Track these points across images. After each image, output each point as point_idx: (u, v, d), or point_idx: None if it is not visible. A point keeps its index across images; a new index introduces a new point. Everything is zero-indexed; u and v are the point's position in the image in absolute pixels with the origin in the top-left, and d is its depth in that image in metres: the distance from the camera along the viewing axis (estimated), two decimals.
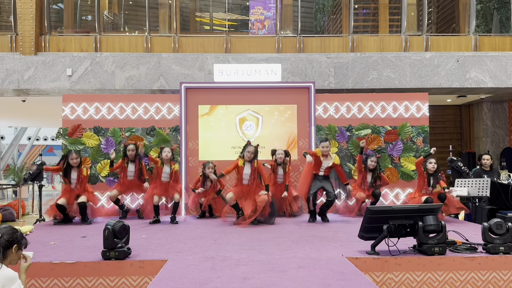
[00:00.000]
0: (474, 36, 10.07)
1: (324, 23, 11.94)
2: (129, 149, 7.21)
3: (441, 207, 4.60)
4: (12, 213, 10.38)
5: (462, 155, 11.66)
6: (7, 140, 22.54)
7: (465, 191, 7.08)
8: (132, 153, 7.19)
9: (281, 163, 7.28)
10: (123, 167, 7.22)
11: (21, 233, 3.18)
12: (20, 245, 3.14)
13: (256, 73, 8.42)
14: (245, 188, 6.54)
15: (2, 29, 10.63)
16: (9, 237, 3.05)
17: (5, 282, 2.92)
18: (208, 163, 7.34)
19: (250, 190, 6.51)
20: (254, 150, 6.57)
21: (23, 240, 3.17)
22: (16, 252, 3.10)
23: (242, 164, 6.56)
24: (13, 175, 17.31)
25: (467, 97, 11.11)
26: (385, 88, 9.63)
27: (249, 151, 6.53)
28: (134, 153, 7.20)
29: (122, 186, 7.28)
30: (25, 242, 3.21)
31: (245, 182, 6.56)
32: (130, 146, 7.23)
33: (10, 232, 3.09)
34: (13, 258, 3.11)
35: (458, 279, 4.15)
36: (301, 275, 3.62)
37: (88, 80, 9.55)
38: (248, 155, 6.51)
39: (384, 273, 4.13)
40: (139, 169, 7.22)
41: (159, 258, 4.22)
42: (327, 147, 6.84)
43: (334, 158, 6.84)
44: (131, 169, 7.22)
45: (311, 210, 6.86)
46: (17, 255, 3.13)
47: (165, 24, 10.55)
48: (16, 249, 3.10)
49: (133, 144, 7.27)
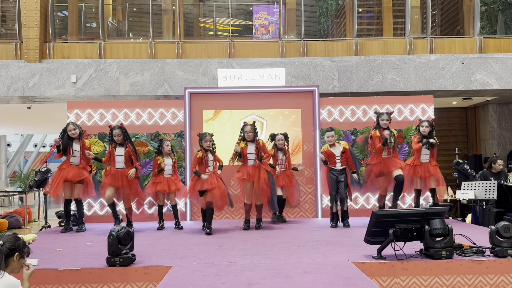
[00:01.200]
0: (479, 38, 10.02)
1: (327, 27, 11.92)
2: (114, 134, 6.55)
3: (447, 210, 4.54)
4: (19, 220, 10.41)
5: (469, 158, 11.57)
6: (13, 147, 22.66)
7: (471, 194, 7.02)
8: (119, 138, 6.55)
9: (282, 148, 7.10)
10: (110, 152, 6.60)
11: (23, 241, 3.17)
12: (22, 253, 3.12)
13: (260, 77, 8.42)
14: (251, 169, 6.49)
15: (7, 37, 10.71)
16: (11, 245, 3.04)
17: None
18: (204, 134, 6.48)
19: (256, 171, 6.47)
20: (251, 128, 6.55)
21: (25, 249, 3.15)
22: (18, 260, 3.09)
23: (245, 145, 6.56)
24: (19, 182, 17.43)
25: (472, 99, 11.04)
26: (390, 91, 9.58)
27: (247, 131, 6.53)
28: (122, 137, 6.55)
29: (112, 178, 6.53)
30: (27, 251, 3.19)
31: (250, 163, 6.54)
32: (115, 131, 6.56)
33: (12, 240, 3.08)
34: (15, 267, 3.10)
35: (466, 283, 4.10)
36: (307, 280, 3.59)
37: (92, 87, 9.58)
38: (248, 135, 6.52)
39: (390, 278, 4.08)
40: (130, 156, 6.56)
41: (163, 264, 4.20)
42: (332, 136, 6.65)
43: (342, 143, 6.72)
44: (120, 153, 6.56)
45: (333, 212, 6.69)
46: (19, 264, 3.11)
47: (169, 30, 10.58)
48: (18, 258, 3.08)
49: (119, 127, 6.60)
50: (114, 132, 6.53)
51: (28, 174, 18.34)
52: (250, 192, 6.58)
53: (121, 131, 6.53)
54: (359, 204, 8.03)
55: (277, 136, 7.11)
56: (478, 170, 8.91)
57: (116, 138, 6.53)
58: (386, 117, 6.62)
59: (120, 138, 6.53)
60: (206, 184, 6.14)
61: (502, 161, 7.97)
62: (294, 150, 8.06)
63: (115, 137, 6.53)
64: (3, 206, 16.27)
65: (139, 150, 7.97)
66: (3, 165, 19.96)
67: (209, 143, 6.36)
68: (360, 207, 8.02)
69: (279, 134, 7.13)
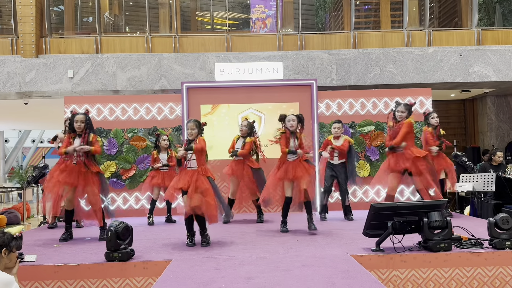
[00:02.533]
0: (476, 30, 9.99)
1: (325, 20, 11.87)
2: (77, 119, 5.26)
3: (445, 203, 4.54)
4: (17, 216, 10.41)
5: (467, 150, 11.59)
6: (11, 143, 22.61)
7: (470, 186, 7.03)
8: (81, 125, 5.27)
9: (294, 131, 5.73)
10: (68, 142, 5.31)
11: (9, 235, 3.12)
12: (10, 247, 3.08)
13: (258, 71, 8.39)
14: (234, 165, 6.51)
15: (3, 32, 10.64)
16: None
17: (1, 287, 2.90)
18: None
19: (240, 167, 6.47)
20: (248, 124, 6.59)
21: (12, 243, 3.10)
22: (7, 255, 3.06)
23: (236, 139, 6.62)
24: (17, 178, 17.39)
25: (470, 91, 11.04)
26: (388, 84, 9.57)
27: (243, 125, 6.58)
28: (84, 126, 5.29)
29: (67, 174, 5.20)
30: (16, 244, 3.14)
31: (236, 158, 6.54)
32: (78, 116, 5.28)
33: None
34: (6, 262, 3.06)
35: (465, 275, 4.11)
36: (306, 274, 3.59)
37: (89, 82, 9.54)
38: (241, 129, 6.56)
39: (389, 271, 4.09)
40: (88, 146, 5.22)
41: (162, 258, 4.20)
42: (339, 128, 6.64)
43: (345, 137, 6.67)
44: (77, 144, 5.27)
45: (323, 205, 6.74)
46: (9, 258, 3.08)
47: (165, 24, 10.53)
48: (6, 253, 3.05)
49: (83, 114, 5.35)
50: (76, 117, 5.30)
51: (26, 170, 18.31)
52: (235, 188, 6.61)
53: (85, 117, 5.34)
54: (357, 197, 8.03)
55: (289, 116, 5.75)
56: (476, 163, 8.93)
57: (77, 125, 5.28)
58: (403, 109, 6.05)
59: (82, 126, 5.29)
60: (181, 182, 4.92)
61: (502, 153, 8.00)
62: None
63: (76, 123, 5.29)
64: (2, 202, 16.26)
65: (136, 145, 7.97)
66: (1, 161, 19.93)
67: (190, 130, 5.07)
68: (359, 200, 8.02)
69: (290, 115, 5.79)
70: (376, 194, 8.00)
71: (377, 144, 8.08)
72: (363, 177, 8.02)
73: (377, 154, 8.08)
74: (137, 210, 7.82)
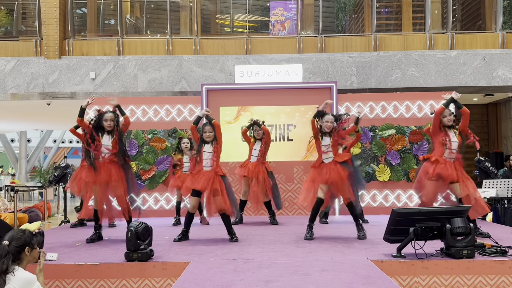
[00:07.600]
0: (501, 33, 9.80)
1: (345, 22, 11.80)
2: (106, 118, 5.22)
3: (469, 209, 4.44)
4: (38, 214, 10.55)
5: (490, 155, 11.36)
6: (33, 143, 23.00)
7: (493, 192, 6.89)
8: (111, 124, 5.25)
9: (328, 132, 5.36)
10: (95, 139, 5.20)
11: (29, 232, 3.17)
12: (32, 245, 3.13)
13: (277, 73, 8.37)
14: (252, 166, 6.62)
15: (28, 34, 10.86)
16: (17, 243, 3.06)
17: (23, 285, 2.94)
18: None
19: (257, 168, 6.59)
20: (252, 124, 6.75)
21: (33, 239, 3.16)
22: (30, 253, 3.11)
23: (254, 141, 6.80)
24: (39, 177, 17.70)
25: (494, 95, 10.82)
26: (410, 87, 9.45)
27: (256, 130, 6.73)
28: (113, 124, 5.26)
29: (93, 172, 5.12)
30: (37, 240, 3.20)
31: (253, 160, 6.70)
32: (108, 115, 5.25)
33: (17, 237, 3.09)
34: (29, 259, 3.12)
35: (488, 283, 4.02)
36: (325, 278, 3.55)
37: (111, 83, 9.66)
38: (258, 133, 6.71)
39: (410, 277, 4.02)
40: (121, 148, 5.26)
41: (181, 260, 4.21)
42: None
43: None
44: (106, 143, 5.23)
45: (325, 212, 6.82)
46: (32, 255, 3.13)
47: (186, 26, 10.60)
48: (29, 251, 3.10)
49: (112, 112, 5.31)
50: (106, 116, 5.28)
51: (48, 170, 18.62)
52: (246, 188, 6.72)
53: (114, 116, 5.34)
54: (377, 202, 7.94)
55: (326, 117, 5.36)
56: (499, 168, 8.74)
57: (107, 123, 5.25)
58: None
59: (112, 124, 5.29)
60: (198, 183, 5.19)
61: None
62: (310, 148, 7.98)
63: (106, 122, 5.25)
64: (24, 201, 16.54)
65: (156, 146, 8.02)
66: (23, 161, 20.28)
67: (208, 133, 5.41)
68: (379, 205, 7.93)
69: (329, 114, 5.41)
70: (397, 199, 7.90)
71: (398, 148, 7.97)
72: (383, 181, 7.92)
73: (397, 158, 7.97)
74: (156, 211, 7.86)
